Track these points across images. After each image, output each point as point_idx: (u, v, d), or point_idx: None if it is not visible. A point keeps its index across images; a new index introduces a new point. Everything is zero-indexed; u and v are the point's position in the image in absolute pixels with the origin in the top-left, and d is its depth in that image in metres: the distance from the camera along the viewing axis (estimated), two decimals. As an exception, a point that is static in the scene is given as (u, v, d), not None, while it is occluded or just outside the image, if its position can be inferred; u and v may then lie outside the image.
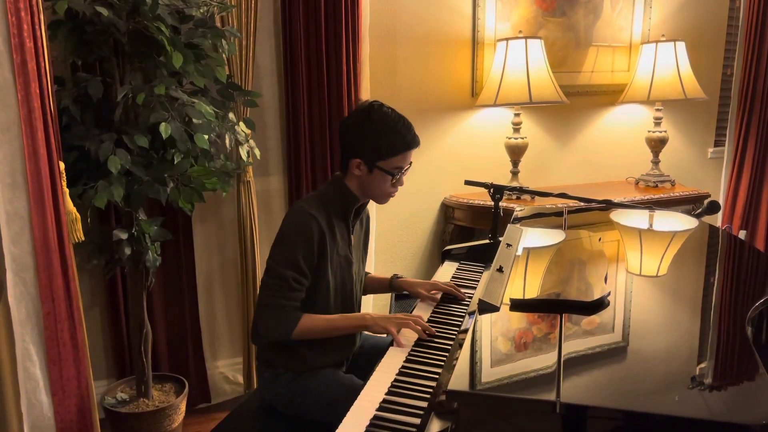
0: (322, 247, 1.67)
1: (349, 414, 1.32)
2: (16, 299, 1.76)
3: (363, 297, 1.99)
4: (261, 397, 1.81)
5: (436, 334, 1.65)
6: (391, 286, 2.00)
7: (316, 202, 1.70)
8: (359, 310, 1.92)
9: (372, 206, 2.98)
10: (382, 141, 1.67)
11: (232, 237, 2.82)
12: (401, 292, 2.02)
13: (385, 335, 1.71)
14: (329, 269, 1.70)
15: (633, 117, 3.70)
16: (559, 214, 2.38)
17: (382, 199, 1.78)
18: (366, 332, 1.81)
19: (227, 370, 2.90)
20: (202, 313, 2.80)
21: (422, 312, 1.82)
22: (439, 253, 3.04)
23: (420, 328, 1.65)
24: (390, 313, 2.63)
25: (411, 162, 1.75)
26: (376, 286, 2.04)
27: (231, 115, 2.42)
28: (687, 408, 1.03)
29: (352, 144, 1.70)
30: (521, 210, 2.48)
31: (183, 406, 2.49)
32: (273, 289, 1.64)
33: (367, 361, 1.87)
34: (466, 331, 1.41)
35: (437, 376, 1.45)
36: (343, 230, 1.75)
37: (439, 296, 1.92)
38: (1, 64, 1.65)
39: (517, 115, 3.15)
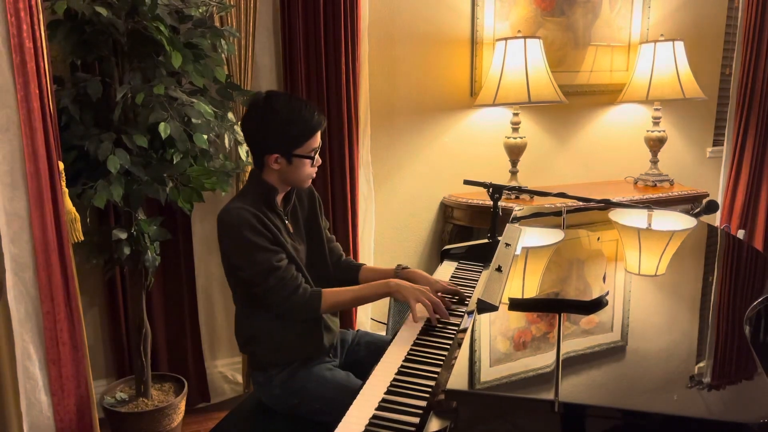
0: (267, 229, 1.65)
1: (348, 413, 1.32)
2: (16, 299, 1.77)
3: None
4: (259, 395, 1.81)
5: (436, 333, 1.66)
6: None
7: (239, 200, 1.69)
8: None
9: (370, 206, 3.00)
10: (293, 129, 1.66)
11: (231, 236, 2.82)
12: None
13: (387, 322, 1.70)
14: (290, 251, 1.69)
15: (632, 116, 3.70)
16: (557, 213, 2.38)
17: (305, 183, 1.77)
18: (363, 329, 1.81)
19: (226, 369, 2.90)
20: (201, 312, 2.80)
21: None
22: (438, 253, 3.05)
23: (434, 312, 1.67)
24: (389, 311, 2.63)
25: (321, 142, 1.75)
26: (377, 278, 1.92)
27: (230, 115, 2.42)
28: (685, 407, 1.03)
29: (263, 141, 1.69)
30: (520, 209, 2.48)
31: (182, 406, 2.50)
32: (275, 287, 1.63)
33: (362, 358, 1.88)
34: (465, 330, 1.41)
35: (436, 376, 1.45)
36: (276, 220, 1.73)
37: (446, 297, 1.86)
38: (1, 64, 1.65)
39: (515, 114, 3.15)
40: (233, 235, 1.64)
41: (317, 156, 1.74)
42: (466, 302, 1.87)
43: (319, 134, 1.71)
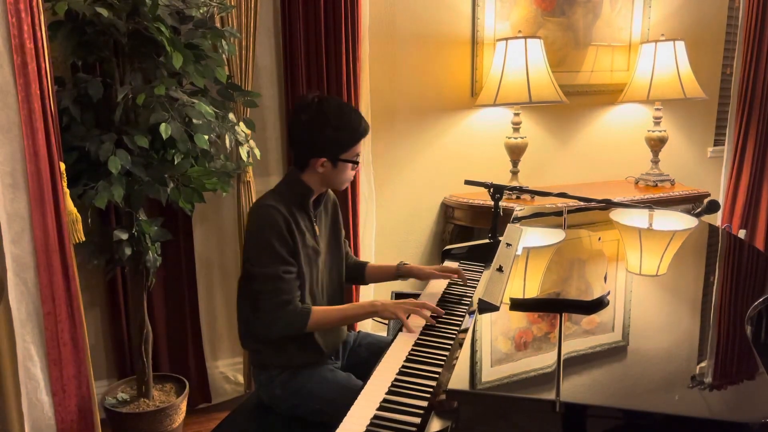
0: (291, 235, 1.68)
1: (349, 413, 1.32)
2: (17, 299, 1.77)
3: (365, 287, 2.00)
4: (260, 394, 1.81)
5: (437, 333, 1.66)
6: (398, 274, 2.01)
7: (274, 197, 1.72)
8: (341, 299, 1.92)
9: (371, 206, 3.00)
10: (343, 135, 1.69)
11: (232, 237, 2.83)
12: (407, 279, 2.03)
13: (388, 322, 1.73)
14: (302, 260, 1.71)
15: (632, 116, 3.70)
16: (558, 213, 2.38)
17: (344, 185, 1.80)
18: (364, 330, 1.82)
19: (227, 369, 2.90)
20: (202, 313, 2.80)
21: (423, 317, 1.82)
22: (439, 253, 3.04)
23: (428, 314, 1.70)
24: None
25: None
26: (381, 274, 2.04)
27: (231, 116, 2.42)
28: (687, 407, 1.03)
29: (312, 144, 1.71)
30: (521, 209, 2.48)
31: (183, 406, 2.50)
32: (269, 293, 1.64)
33: (364, 358, 1.88)
34: (466, 330, 1.41)
35: (437, 376, 1.45)
36: (305, 221, 1.76)
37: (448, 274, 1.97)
38: (2, 65, 1.65)
39: (516, 114, 3.15)
40: (258, 231, 1.67)
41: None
42: (466, 302, 1.88)
43: (363, 140, 1.76)
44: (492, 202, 2.25)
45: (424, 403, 1.34)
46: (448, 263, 2.27)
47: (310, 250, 1.75)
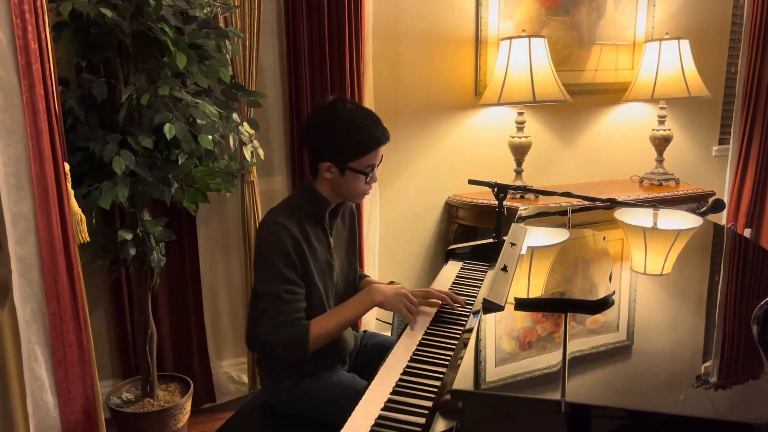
0: (300, 255, 1.61)
1: (353, 414, 1.32)
2: (22, 300, 1.77)
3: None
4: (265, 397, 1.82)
5: (442, 333, 1.66)
6: None
7: (285, 211, 1.64)
8: None
9: (375, 206, 3.00)
10: (351, 140, 1.60)
11: (236, 237, 2.83)
12: None
13: (391, 323, 1.70)
14: (315, 276, 1.66)
15: (637, 115, 3.69)
16: (563, 213, 2.37)
17: (357, 198, 1.72)
18: (370, 330, 1.80)
19: (232, 369, 2.91)
20: (206, 313, 2.80)
21: (425, 312, 1.82)
22: (443, 253, 3.04)
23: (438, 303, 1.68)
24: (393, 319, 2.61)
25: (382, 156, 1.70)
26: None
27: (235, 116, 2.42)
28: (692, 407, 1.03)
29: (318, 147, 1.63)
30: (525, 209, 2.47)
31: (188, 406, 2.50)
32: (269, 313, 1.60)
33: (370, 360, 1.88)
34: (470, 330, 1.41)
35: (442, 376, 1.45)
36: (319, 234, 1.70)
37: (432, 308, 1.81)
38: (6, 66, 1.65)
39: (520, 114, 3.15)
40: (263, 250, 1.61)
41: (375, 173, 1.68)
42: (469, 302, 1.87)
43: (379, 150, 1.66)
44: (496, 202, 2.24)
45: (429, 404, 1.34)
46: (452, 261, 2.27)
47: (323, 264, 1.70)
